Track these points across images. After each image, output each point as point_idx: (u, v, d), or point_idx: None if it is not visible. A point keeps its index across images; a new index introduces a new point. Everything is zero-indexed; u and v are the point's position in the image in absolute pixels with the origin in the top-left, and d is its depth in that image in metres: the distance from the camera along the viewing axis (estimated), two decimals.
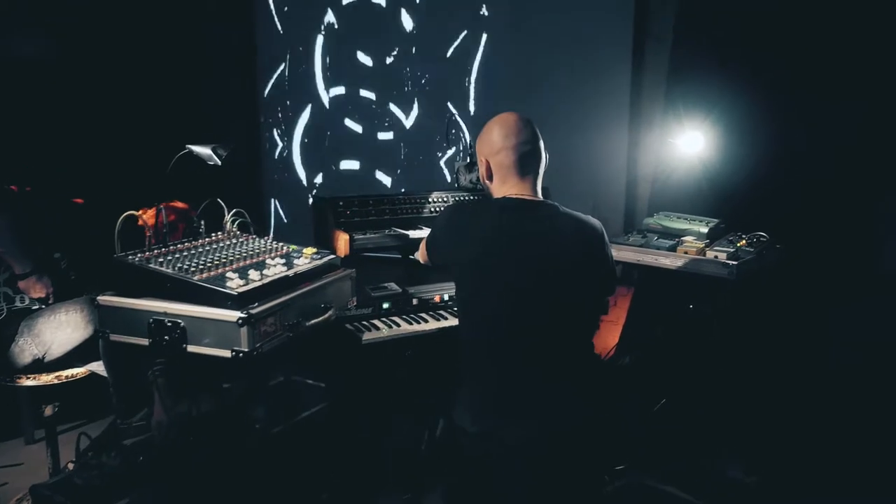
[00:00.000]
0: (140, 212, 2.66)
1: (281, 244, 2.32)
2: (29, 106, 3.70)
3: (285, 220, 5.14)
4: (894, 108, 3.18)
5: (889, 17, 3.16)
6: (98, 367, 2.86)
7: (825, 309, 3.29)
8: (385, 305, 2.79)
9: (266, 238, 2.37)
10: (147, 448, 2.63)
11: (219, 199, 2.28)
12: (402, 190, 4.21)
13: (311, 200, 3.99)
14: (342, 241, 2.70)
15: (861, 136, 3.25)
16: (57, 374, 2.83)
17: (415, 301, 2.85)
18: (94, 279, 2.95)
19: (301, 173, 5.01)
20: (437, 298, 2.88)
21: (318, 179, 4.98)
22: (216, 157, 2.33)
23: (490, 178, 1.99)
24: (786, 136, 3.33)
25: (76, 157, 3.73)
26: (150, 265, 1.96)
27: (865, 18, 3.21)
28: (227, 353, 1.85)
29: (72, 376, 2.87)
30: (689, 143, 3.26)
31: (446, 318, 2.79)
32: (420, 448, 2.77)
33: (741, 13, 3.42)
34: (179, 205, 2.92)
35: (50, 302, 2.85)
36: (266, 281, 1.98)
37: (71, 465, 2.78)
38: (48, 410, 2.87)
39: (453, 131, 3.16)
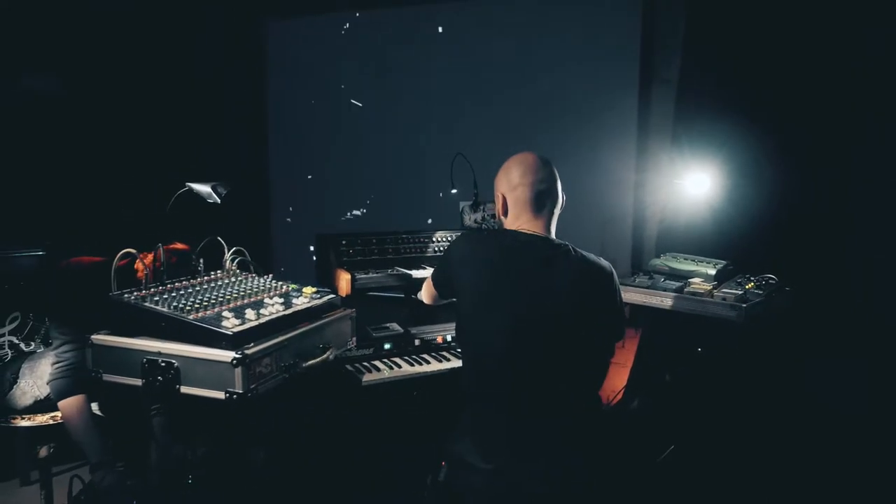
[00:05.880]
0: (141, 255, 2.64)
1: (280, 283, 2.29)
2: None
3: None
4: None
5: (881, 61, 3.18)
6: (96, 407, 2.82)
7: (830, 354, 3.21)
8: (386, 346, 2.75)
9: (266, 277, 2.34)
10: (142, 491, 2.57)
11: (218, 238, 2.25)
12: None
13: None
14: (344, 281, 2.67)
15: (866, 180, 3.22)
16: (52, 414, 2.79)
17: (417, 342, 2.80)
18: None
19: None
20: (439, 339, 2.83)
21: None
22: (216, 195, 2.31)
23: (505, 213, 2.00)
24: (793, 179, 3.30)
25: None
26: (146, 304, 1.93)
27: (864, 63, 3.22)
28: (220, 395, 1.80)
29: None
30: (696, 185, 3.24)
31: (448, 360, 2.73)
32: (423, 493, 2.68)
33: (747, 56, 3.43)
34: (180, 246, 2.90)
35: None
36: (263, 321, 1.94)
37: None
38: (43, 451, 2.81)
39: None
